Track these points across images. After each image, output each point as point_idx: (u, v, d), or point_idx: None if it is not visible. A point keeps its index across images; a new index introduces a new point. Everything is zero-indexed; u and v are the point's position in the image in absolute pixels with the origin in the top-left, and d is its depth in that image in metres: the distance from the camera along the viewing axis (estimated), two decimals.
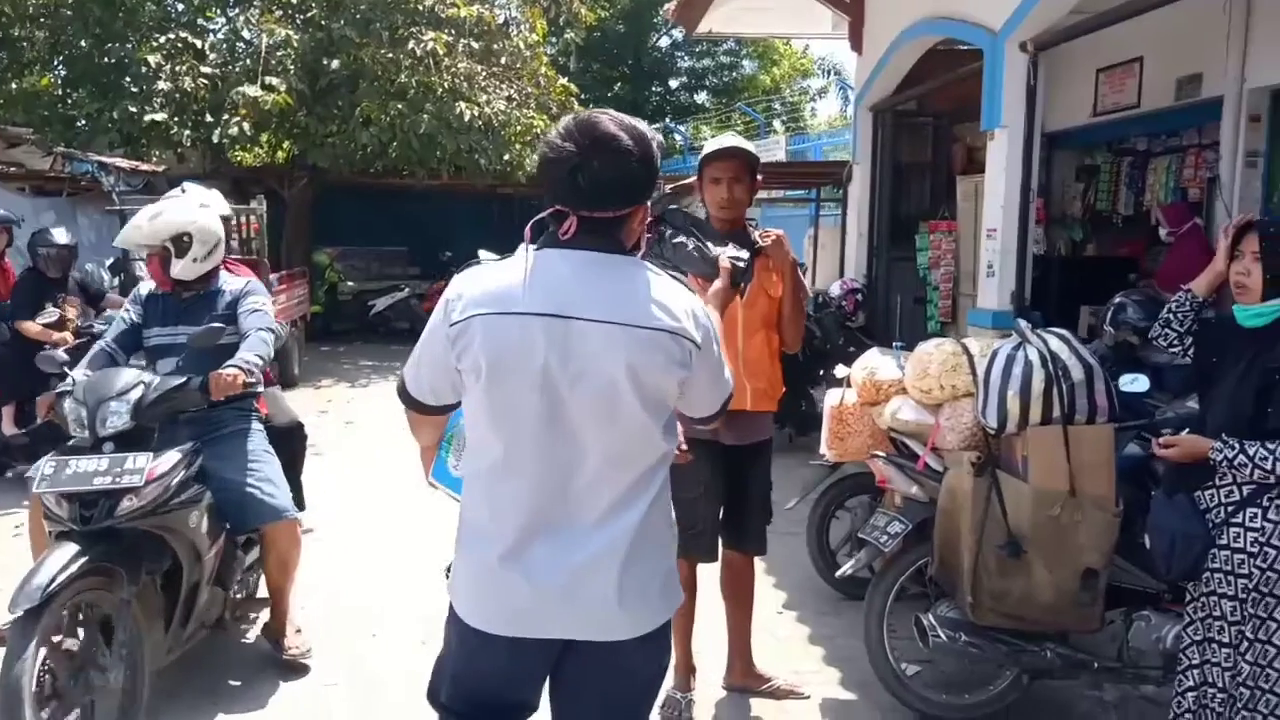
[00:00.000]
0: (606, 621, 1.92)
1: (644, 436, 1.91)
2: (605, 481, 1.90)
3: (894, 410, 3.70)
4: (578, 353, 1.85)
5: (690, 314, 1.93)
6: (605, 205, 1.89)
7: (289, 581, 3.92)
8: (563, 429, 1.87)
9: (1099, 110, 8.68)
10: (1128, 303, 4.81)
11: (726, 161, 3.38)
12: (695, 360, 1.92)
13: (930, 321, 9.31)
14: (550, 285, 1.87)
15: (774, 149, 17.07)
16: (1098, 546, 3.16)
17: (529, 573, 1.89)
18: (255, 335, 3.67)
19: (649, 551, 1.94)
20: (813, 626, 4.37)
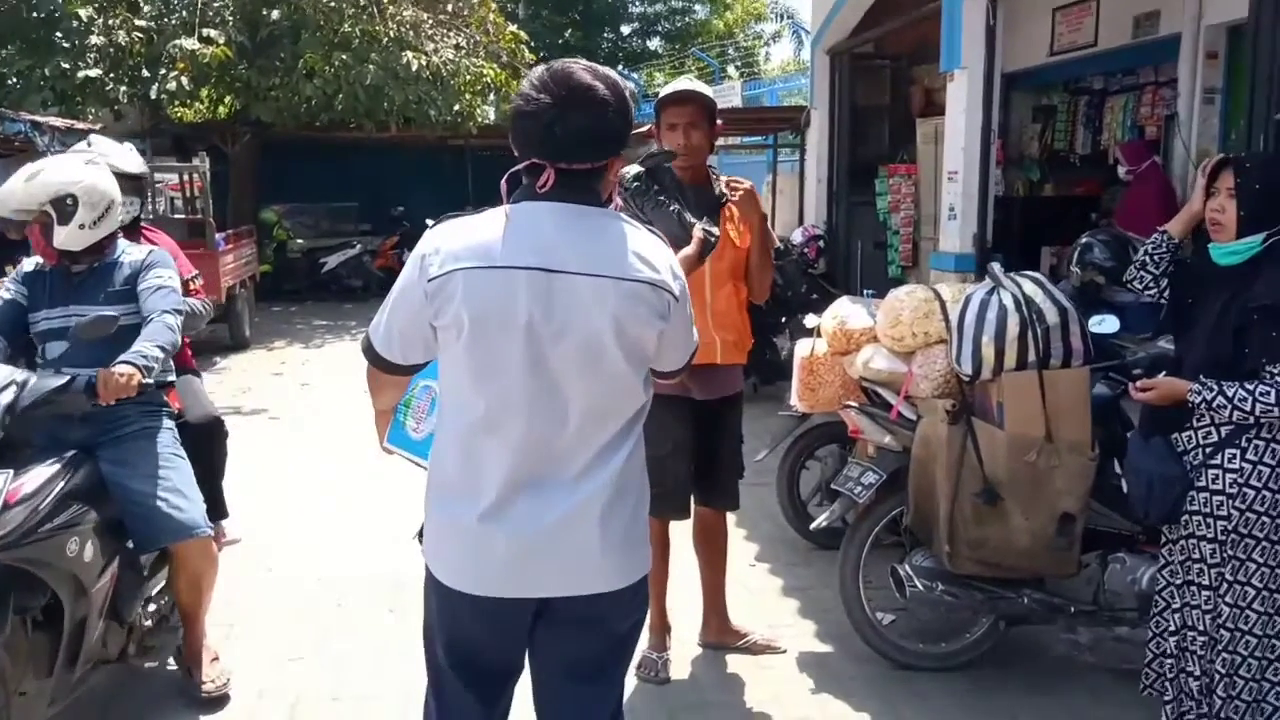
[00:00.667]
0: (589, 574, 1.91)
1: (626, 389, 1.91)
2: (587, 434, 1.89)
3: (866, 359, 3.63)
4: (562, 306, 1.82)
5: (669, 267, 1.93)
6: (583, 157, 1.86)
7: (203, 605, 3.43)
8: (546, 383, 1.85)
9: (1056, 50, 8.63)
10: (1094, 243, 4.77)
11: (682, 106, 3.25)
12: (673, 312, 1.91)
13: (891, 266, 9.29)
14: (532, 238, 1.84)
15: (729, 95, 16.83)
16: (1074, 491, 3.13)
17: (510, 530, 1.87)
18: (157, 321, 3.10)
19: (628, 502, 1.94)
20: (786, 578, 4.34)
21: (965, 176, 6.97)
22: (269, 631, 3.92)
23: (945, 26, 6.98)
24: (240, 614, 4.07)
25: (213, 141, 15.39)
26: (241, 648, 3.79)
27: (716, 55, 21.86)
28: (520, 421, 1.86)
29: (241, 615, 4.06)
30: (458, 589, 1.93)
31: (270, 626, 3.96)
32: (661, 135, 3.30)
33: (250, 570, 4.52)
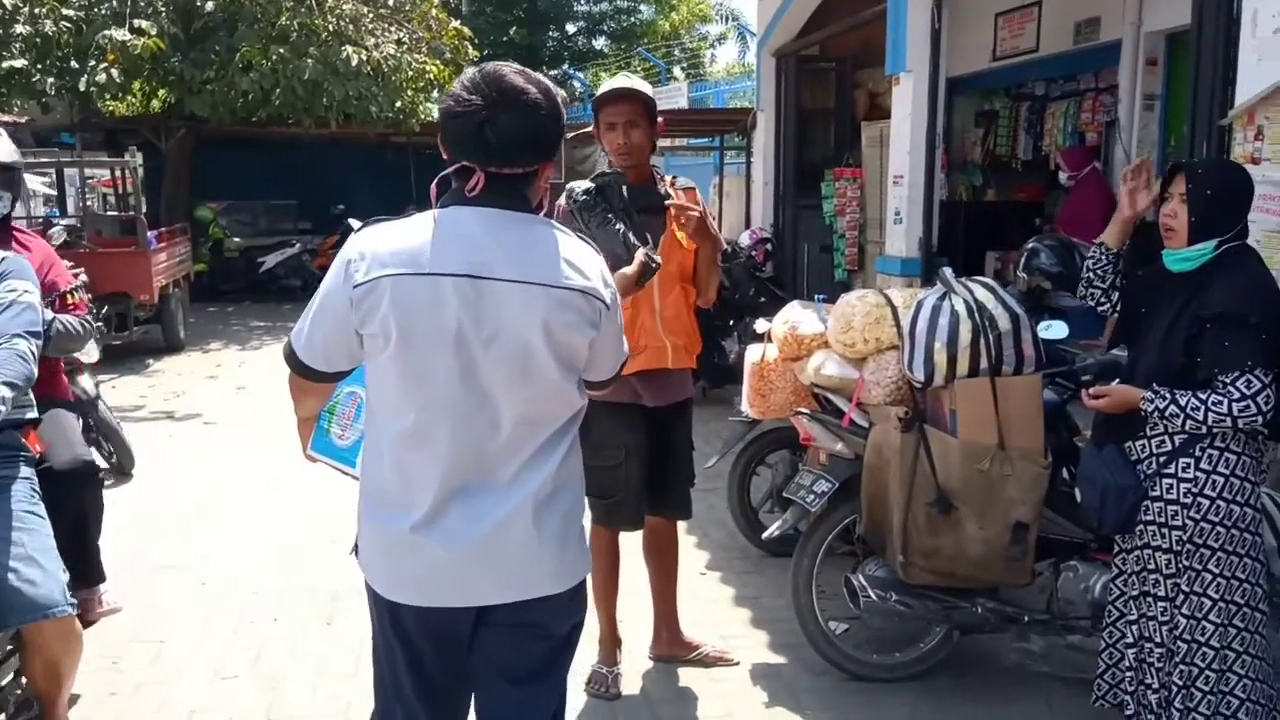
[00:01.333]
0: (527, 579, 1.90)
1: (558, 395, 1.89)
2: (519, 441, 1.86)
3: (817, 365, 3.58)
4: (492, 313, 1.79)
5: (600, 275, 1.91)
6: (514, 161, 1.83)
7: (62, 691, 2.90)
8: (477, 391, 1.82)
9: (998, 55, 8.72)
10: (1040, 248, 4.78)
11: (620, 104, 3.15)
12: (604, 320, 1.90)
13: (838, 270, 9.30)
14: (461, 244, 1.81)
15: (675, 96, 16.83)
16: (1028, 500, 3.10)
17: (445, 538, 1.84)
18: (4, 348, 2.56)
19: (564, 507, 1.93)
20: (737, 587, 4.28)
21: (910, 180, 6.98)
22: (201, 648, 3.76)
23: (890, 29, 6.98)
24: (171, 630, 3.91)
25: (145, 136, 14.98)
26: (172, 666, 3.63)
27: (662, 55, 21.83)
28: (451, 430, 1.83)
29: (172, 632, 3.90)
30: (398, 601, 1.90)
31: (203, 643, 3.80)
32: (600, 135, 3.22)
33: (183, 584, 4.36)
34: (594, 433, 3.23)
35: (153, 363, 10.16)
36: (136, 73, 12.30)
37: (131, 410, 7.98)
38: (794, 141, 10.01)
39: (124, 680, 3.53)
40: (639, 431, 3.26)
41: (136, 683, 3.52)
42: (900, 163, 7.06)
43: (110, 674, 3.57)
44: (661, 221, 3.17)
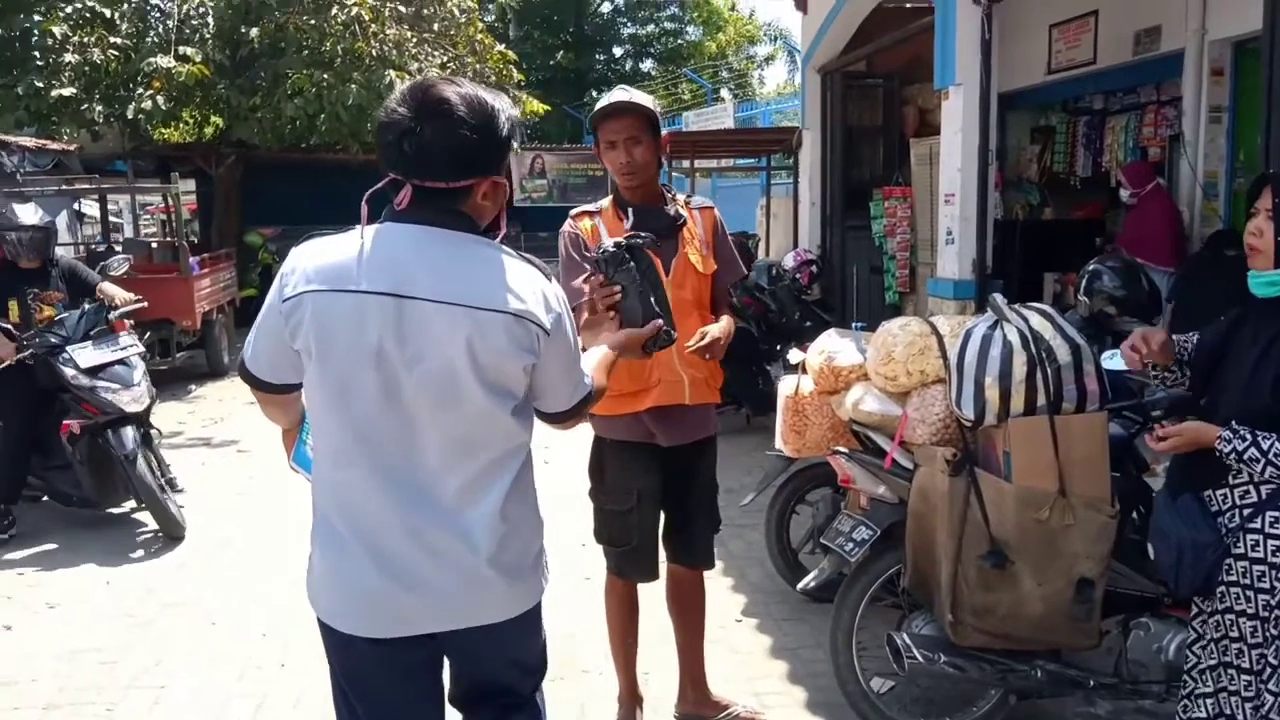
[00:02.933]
0: (473, 606, 1.88)
1: (489, 422, 1.83)
2: (453, 466, 1.83)
3: (855, 400, 3.30)
4: (414, 333, 1.76)
5: (540, 297, 1.84)
6: (436, 175, 1.78)
7: None
8: (401, 414, 1.79)
9: (1053, 68, 8.37)
10: (1103, 269, 4.43)
11: (619, 120, 2.88)
12: (543, 347, 1.83)
13: (889, 292, 8.97)
14: (386, 261, 1.78)
15: (722, 116, 16.62)
16: (1093, 553, 2.79)
17: (382, 566, 1.82)
18: None
19: (517, 536, 1.90)
20: (774, 636, 3.98)
21: (962, 199, 6.65)
22: (202, 696, 3.56)
23: (939, 41, 6.69)
24: (174, 675, 3.73)
25: (197, 164, 15.10)
26: (169, 715, 3.43)
27: (709, 77, 21.63)
28: (377, 451, 1.80)
29: (175, 677, 3.71)
30: (345, 631, 1.88)
31: (204, 691, 3.60)
32: (601, 154, 2.97)
33: (193, 623, 4.18)
34: (606, 474, 3.00)
35: (195, 388, 10.12)
36: (183, 100, 12.39)
37: (170, 436, 7.90)
38: (841, 160, 9.70)
39: None
40: (654, 474, 3.01)
41: None
42: (951, 180, 6.74)
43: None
44: (673, 244, 2.92)
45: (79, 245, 11.51)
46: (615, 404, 2.90)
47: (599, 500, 3.07)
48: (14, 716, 3.42)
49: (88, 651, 3.92)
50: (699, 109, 17.92)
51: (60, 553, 5.08)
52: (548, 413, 1.96)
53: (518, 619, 1.94)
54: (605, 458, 3.03)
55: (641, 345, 2.22)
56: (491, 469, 1.85)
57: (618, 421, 2.93)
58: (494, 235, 1.89)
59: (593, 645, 3.29)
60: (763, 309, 8.04)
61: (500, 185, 1.86)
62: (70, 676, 3.71)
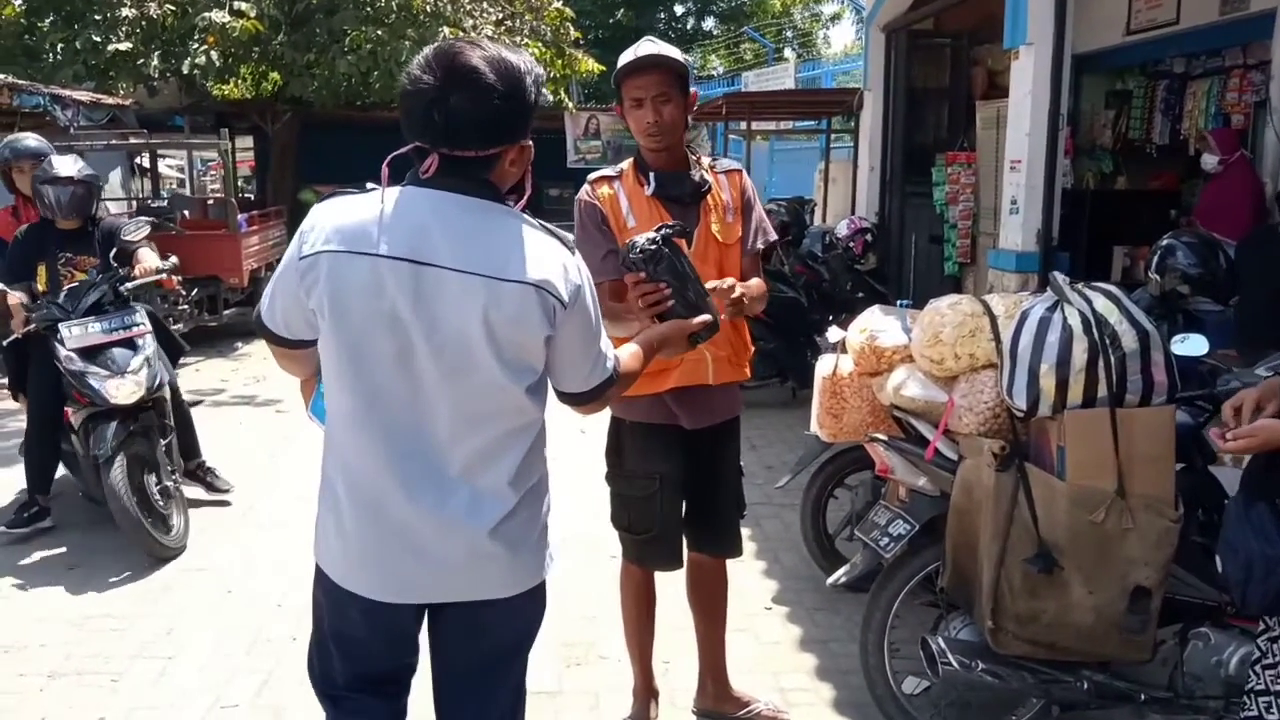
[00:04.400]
0: (470, 580, 1.86)
1: (501, 396, 1.78)
2: (462, 437, 1.79)
3: (898, 384, 3.05)
4: (430, 301, 1.72)
5: (560, 268, 1.77)
6: (465, 144, 1.73)
7: None
8: (413, 380, 1.76)
9: (1132, 28, 7.88)
10: (1177, 245, 4.11)
11: (647, 75, 2.62)
12: (560, 320, 1.77)
13: (948, 263, 8.60)
14: (407, 226, 1.74)
15: (783, 77, 16.16)
16: (1152, 560, 2.53)
17: (386, 532, 1.81)
18: None
19: (514, 511, 1.84)
20: (804, 626, 3.77)
21: (1029, 166, 6.31)
22: (210, 669, 3.46)
23: None
24: (184, 645, 3.64)
25: (255, 121, 15.11)
26: (174, 688, 3.34)
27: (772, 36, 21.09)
28: (385, 416, 1.78)
29: (185, 647, 3.62)
30: (343, 587, 1.87)
31: (212, 663, 3.51)
32: (625, 112, 2.72)
33: (209, 591, 4.10)
34: (626, 458, 2.80)
35: (241, 345, 10.13)
36: (239, 56, 12.34)
37: (211, 394, 7.91)
38: (903, 123, 9.31)
39: (118, 703, 3.26)
40: (676, 458, 2.80)
41: (130, 706, 3.24)
42: (1018, 146, 6.40)
43: (106, 694, 3.30)
44: (695, 212, 2.69)
45: (130, 200, 11.52)
46: (635, 384, 2.69)
47: (617, 485, 2.88)
48: (17, 684, 3.36)
49: (99, 617, 3.86)
50: (759, 69, 17.49)
51: (86, 510, 5.00)
52: (566, 393, 1.91)
53: (517, 599, 1.91)
54: (624, 440, 2.83)
55: (687, 337, 2.12)
56: (501, 442, 1.81)
57: (638, 402, 2.72)
58: (519, 197, 1.84)
59: (613, 630, 3.13)
60: (815, 277, 7.75)
61: (526, 149, 1.80)
62: (79, 643, 3.64)
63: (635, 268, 2.17)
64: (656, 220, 2.63)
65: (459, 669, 1.99)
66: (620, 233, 2.68)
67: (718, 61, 24.05)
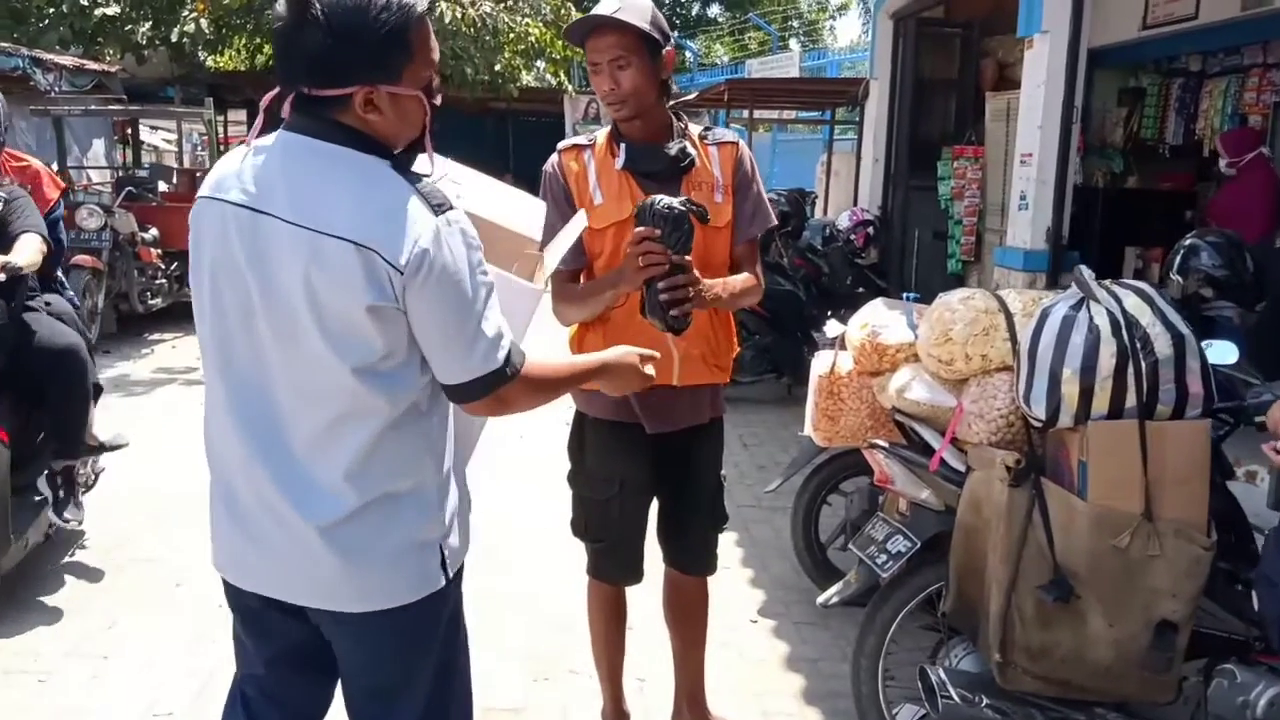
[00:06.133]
0: (305, 582, 1.66)
1: (326, 373, 1.57)
2: (300, 415, 1.61)
3: (901, 385, 2.78)
4: (264, 253, 1.57)
5: (404, 229, 1.52)
6: (300, 79, 1.58)
7: None
8: (256, 341, 1.61)
9: (1149, 22, 7.61)
10: (1201, 245, 3.86)
11: (599, 38, 2.30)
12: (402, 290, 1.53)
13: (951, 259, 8.33)
14: (256, 171, 1.60)
15: (787, 65, 15.85)
16: (1179, 591, 2.27)
17: (233, 511, 1.69)
18: None
19: (360, 517, 1.62)
20: (792, 643, 3.50)
21: (1041, 160, 6.05)
22: (147, 670, 3.20)
23: None
24: (122, 642, 3.38)
25: (248, 95, 14.78)
26: (106, 691, 3.08)
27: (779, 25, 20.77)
28: (236, 379, 1.64)
29: (123, 644, 3.36)
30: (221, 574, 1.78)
31: (150, 662, 3.25)
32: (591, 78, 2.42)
33: (157, 584, 3.84)
34: (587, 456, 2.53)
35: None
36: (232, 25, 12.03)
37: (184, 372, 7.63)
38: (909, 114, 9.03)
39: (42, 705, 3.00)
40: (641, 461, 2.52)
41: (55, 710, 2.98)
42: (1030, 139, 6.14)
43: (31, 695, 3.05)
44: (674, 190, 2.39)
45: (113, 170, 11.22)
46: None
47: (577, 485, 2.61)
48: None
49: (38, 611, 3.59)
50: (764, 57, 17.19)
51: None
52: (444, 385, 1.65)
53: (373, 619, 1.66)
54: (586, 436, 2.56)
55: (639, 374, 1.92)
56: (333, 429, 1.60)
57: (600, 397, 2.45)
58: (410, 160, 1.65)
59: (586, 641, 2.87)
60: (814, 271, 7.49)
61: (395, 98, 1.57)
62: (12, 638, 3.38)
63: (654, 222, 2.08)
64: (626, 199, 2.38)
65: (346, 693, 1.80)
66: (583, 209, 2.41)
67: (722, 49, 23.72)
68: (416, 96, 1.60)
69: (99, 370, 4.32)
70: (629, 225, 2.37)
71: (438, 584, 1.70)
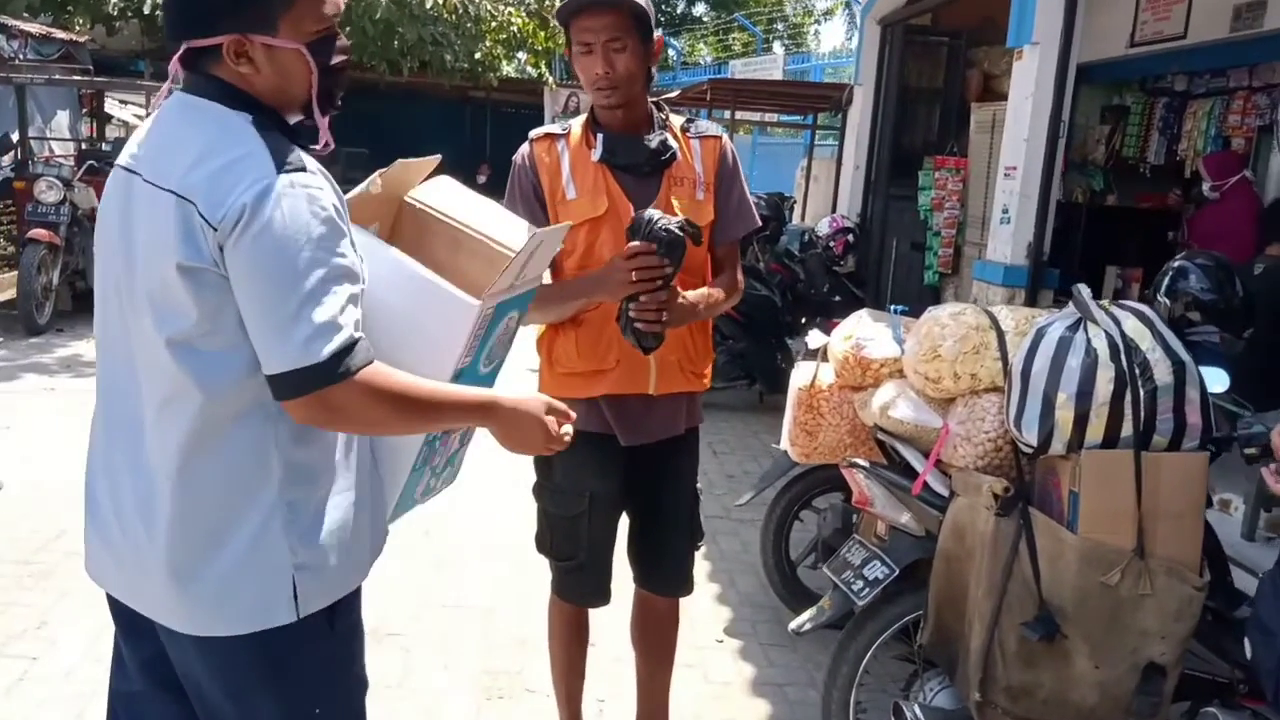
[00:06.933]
0: (145, 591, 1.49)
1: (151, 347, 1.42)
2: (139, 399, 1.46)
3: (885, 402, 2.65)
4: (131, 214, 1.45)
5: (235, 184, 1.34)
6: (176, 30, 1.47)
7: None
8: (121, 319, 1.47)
9: (1137, 40, 7.57)
10: (1190, 267, 3.75)
11: (595, 15, 2.13)
12: (216, 251, 1.35)
13: (928, 271, 8.25)
14: (143, 133, 1.51)
15: (771, 68, 15.75)
16: (1169, 633, 2.16)
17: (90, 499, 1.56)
18: None
19: (180, 526, 1.43)
20: (759, 666, 3.36)
21: (1025, 173, 5.96)
22: (74, 675, 3.02)
23: None
24: (54, 642, 3.20)
25: None
26: (30, 699, 2.89)
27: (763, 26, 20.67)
28: (106, 356, 1.53)
29: (55, 645, 3.18)
30: None
31: (79, 668, 3.06)
32: (574, 60, 2.24)
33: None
34: (555, 470, 2.36)
35: None
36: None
37: None
38: (892, 122, 8.93)
39: None
40: (612, 475, 2.38)
41: None
42: (1015, 152, 6.04)
43: None
44: (654, 186, 2.25)
45: (77, 142, 10.91)
46: (565, 385, 2.28)
47: (543, 500, 2.45)
48: None
49: None
50: (747, 59, 17.09)
51: None
52: (266, 377, 1.39)
53: (200, 645, 1.47)
54: None
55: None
56: (164, 414, 1.43)
57: (571, 405, 2.30)
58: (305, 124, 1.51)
59: (545, 657, 2.73)
60: (791, 277, 7.37)
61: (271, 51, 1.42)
62: None
63: (653, 239, 2.03)
64: (602, 194, 2.23)
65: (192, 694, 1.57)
66: (554, 205, 2.26)
67: (706, 49, 23.61)
68: (297, 50, 1.43)
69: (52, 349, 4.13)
70: (604, 222, 2.23)
71: (280, 619, 1.46)
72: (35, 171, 8.30)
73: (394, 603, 3.52)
